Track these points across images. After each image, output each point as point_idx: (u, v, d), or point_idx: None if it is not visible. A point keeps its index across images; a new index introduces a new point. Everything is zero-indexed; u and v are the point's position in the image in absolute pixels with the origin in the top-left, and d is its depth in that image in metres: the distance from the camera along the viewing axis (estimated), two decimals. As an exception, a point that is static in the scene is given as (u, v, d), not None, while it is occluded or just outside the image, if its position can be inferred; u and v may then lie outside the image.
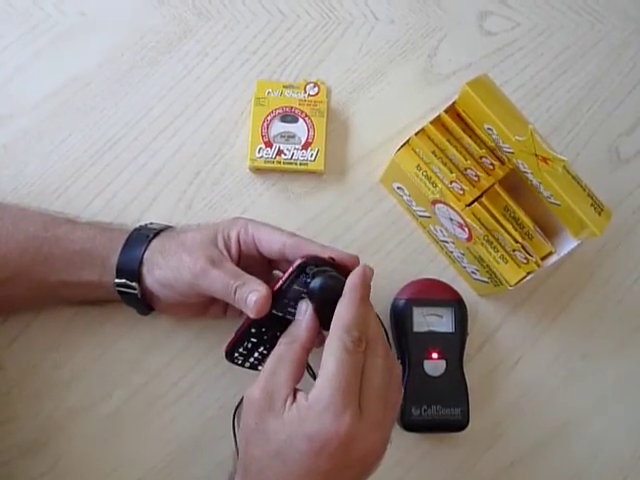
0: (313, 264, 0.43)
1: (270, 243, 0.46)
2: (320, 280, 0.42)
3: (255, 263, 0.48)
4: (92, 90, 0.58)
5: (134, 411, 0.52)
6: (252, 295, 0.42)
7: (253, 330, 0.45)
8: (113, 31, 0.60)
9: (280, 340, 0.43)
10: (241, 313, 0.46)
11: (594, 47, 0.64)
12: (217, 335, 0.54)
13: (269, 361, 0.42)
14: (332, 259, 0.44)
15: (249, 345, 0.46)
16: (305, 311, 0.43)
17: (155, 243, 0.47)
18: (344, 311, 0.41)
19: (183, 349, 0.54)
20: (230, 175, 0.58)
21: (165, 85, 0.59)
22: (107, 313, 0.53)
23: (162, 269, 0.46)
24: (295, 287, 0.44)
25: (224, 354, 0.47)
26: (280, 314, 0.44)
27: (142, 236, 0.48)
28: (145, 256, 0.47)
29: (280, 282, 0.44)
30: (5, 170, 0.56)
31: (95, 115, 0.58)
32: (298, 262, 0.43)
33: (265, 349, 0.46)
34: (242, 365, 0.48)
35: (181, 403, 0.53)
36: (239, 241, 0.47)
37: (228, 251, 0.46)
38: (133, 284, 0.47)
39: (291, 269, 0.43)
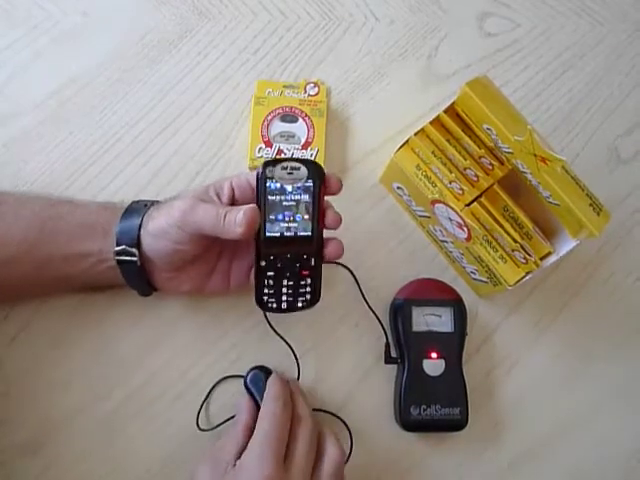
0: (272, 165, 0.44)
1: None
2: (251, 374, 0.51)
3: None
4: (93, 90, 0.59)
5: (132, 411, 0.52)
6: (240, 213, 0.43)
7: (263, 263, 0.45)
8: (114, 31, 0.60)
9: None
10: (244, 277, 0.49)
11: (594, 48, 0.64)
12: (217, 334, 0.54)
13: (217, 443, 0.48)
14: (294, 158, 0.45)
15: (270, 282, 0.46)
16: (242, 404, 0.50)
17: (152, 209, 0.48)
18: (271, 388, 0.48)
19: (182, 348, 0.54)
20: (230, 175, 0.58)
21: (166, 85, 0.59)
22: (106, 312, 0.53)
23: (154, 219, 0.47)
24: (270, 197, 0.44)
25: (257, 305, 0.47)
26: (277, 234, 0.45)
27: (140, 205, 0.49)
28: (143, 221, 0.47)
29: (255, 199, 0.45)
30: (6, 169, 0.56)
31: (95, 115, 0.58)
32: (257, 171, 0.44)
33: (289, 280, 0.46)
34: (279, 309, 0.47)
35: (181, 402, 0.53)
36: (232, 188, 0.47)
37: (219, 199, 0.47)
38: (132, 250, 0.47)
39: (256, 180, 0.45)
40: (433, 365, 0.53)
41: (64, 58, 0.59)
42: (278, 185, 0.44)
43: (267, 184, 0.44)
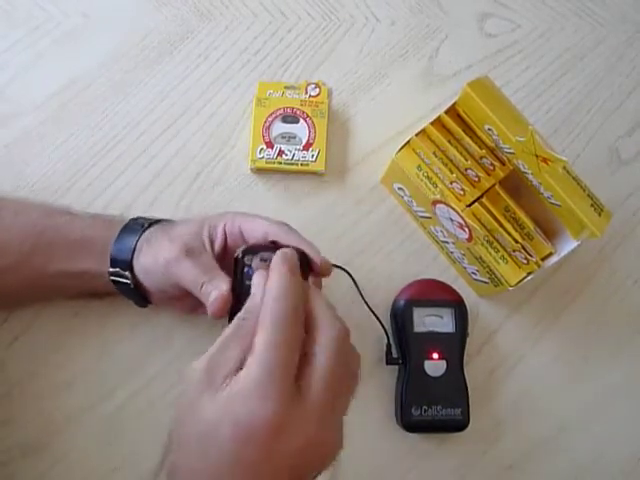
0: (251, 253, 0.42)
1: (252, 232, 0.45)
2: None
3: None
4: (94, 91, 0.59)
5: (134, 411, 0.52)
6: (213, 293, 0.42)
7: None
8: (115, 32, 0.60)
9: (237, 315, 0.38)
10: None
11: (594, 49, 0.64)
12: (217, 336, 0.54)
13: (220, 338, 0.36)
14: (273, 243, 0.43)
15: None
16: (259, 284, 0.38)
17: (147, 233, 0.47)
18: (274, 280, 0.37)
19: (183, 349, 0.54)
20: (231, 176, 0.58)
21: (167, 86, 0.59)
22: (107, 314, 0.53)
23: (145, 255, 0.46)
24: (247, 282, 0.42)
25: None
26: None
27: (137, 225, 0.48)
28: (137, 245, 0.46)
29: (230, 283, 0.43)
30: (7, 170, 0.56)
31: (97, 116, 0.58)
32: (235, 255, 0.43)
33: None
34: None
35: (181, 403, 0.53)
36: (225, 233, 0.46)
37: (212, 243, 0.46)
38: (125, 273, 0.46)
39: (234, 262, 0.43)
40: (434, 366, 0.53)
41: (65, 59, 0.59)
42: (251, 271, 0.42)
43: (245, 270, 0.43)
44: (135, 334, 0.53)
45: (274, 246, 0.43)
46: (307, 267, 0.43)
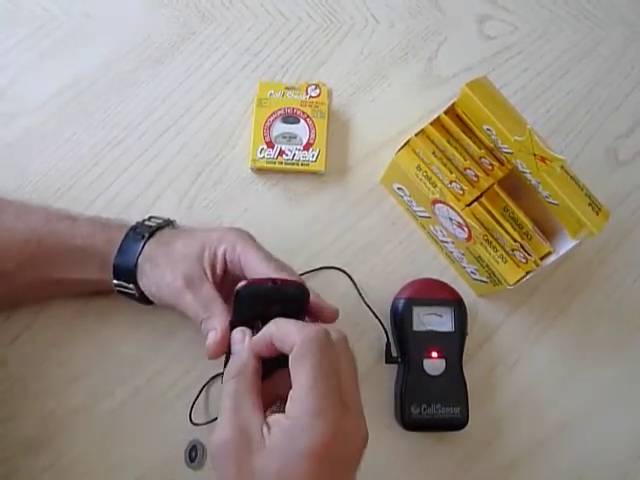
0: (252, 288, 0.42)
1: (251, 271, 0.45)
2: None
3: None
4: (96, 90, 0.59)
5: (136, 409, 0.52)
6: (210, 335, 0.43)
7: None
8: (117, 32, 0.61)
9: (225, 378, 0.40)
10: None
11: (592, 51, 0.65)
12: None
13: (225, 402, 0.38)
14: (273, 280, 0.42)
15: None
16: (242, 341, 0.41)
17: (147, 248, 0.47)
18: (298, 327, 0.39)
19: (185, 347, 0.54)
20: (232, 175, 0.58)
21: (168, 86, 0.60)
22: (109, 311, 0.54)
23: (148, 278, 0.47)
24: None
25: None
26: None
27: (138, 236, 0.48)
28: (139, 260, 0.47)
29: (232, 317, 0.43)
30: (9, 168, 0.57)
31: (99, 115, 0.59)
32: (236, 290, 0.42)
33: None
34: None
35: (182, 401, 0.53)
36: (225, 259, 0.46)
37: (213, 268, 0.46)
38: (130, 285, 0.47)
39: (233, 300, 0.42)
40: (434, 365, 0.53)
41: (67, 59, 0.60)
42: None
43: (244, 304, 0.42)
44: (137, 332, 0.54)
45: (274, 285, 0.42)
46: (304, 304, 0.43)
